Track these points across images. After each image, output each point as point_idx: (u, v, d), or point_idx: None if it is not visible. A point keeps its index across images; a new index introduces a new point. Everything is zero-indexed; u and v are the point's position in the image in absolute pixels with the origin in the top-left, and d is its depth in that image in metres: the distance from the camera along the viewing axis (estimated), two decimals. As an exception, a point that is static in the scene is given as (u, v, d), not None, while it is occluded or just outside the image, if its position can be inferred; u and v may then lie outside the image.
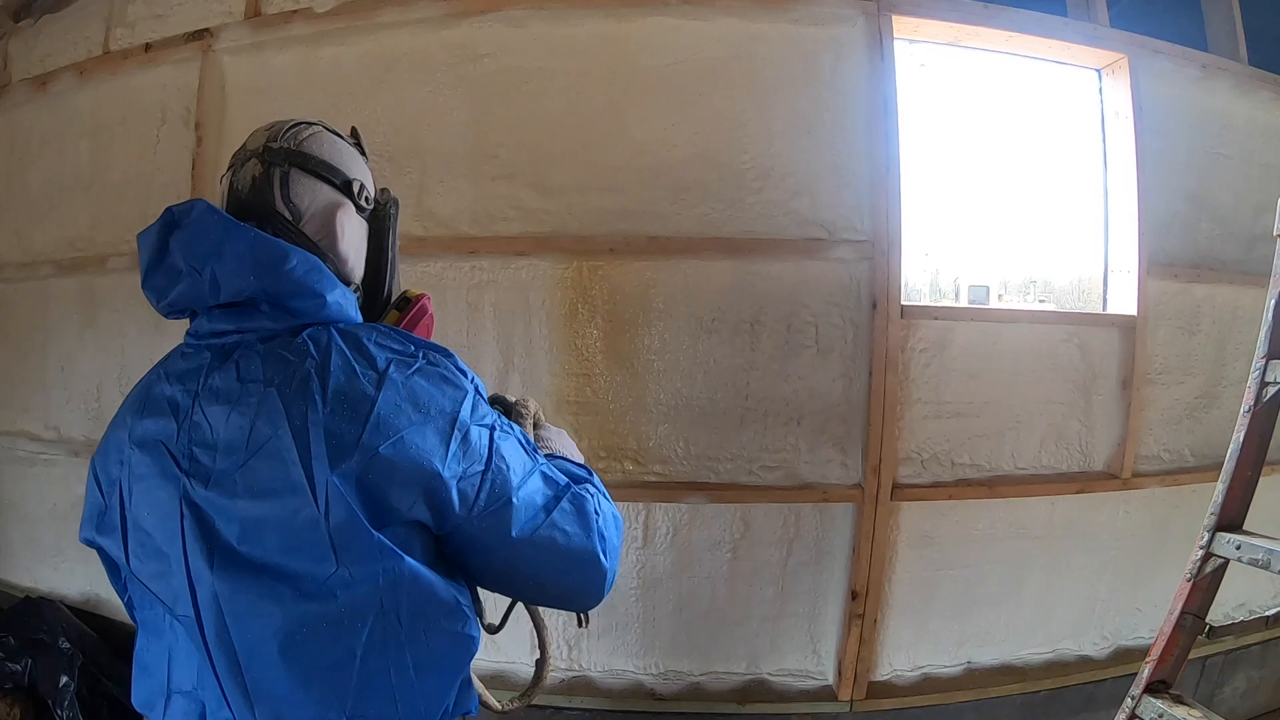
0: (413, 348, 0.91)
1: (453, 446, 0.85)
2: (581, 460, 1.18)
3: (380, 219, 1.08)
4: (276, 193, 0.97)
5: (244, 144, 1.03)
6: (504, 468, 0.89)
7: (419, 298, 1.10)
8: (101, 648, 2.96)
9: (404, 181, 2.61)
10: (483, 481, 0.86)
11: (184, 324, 1.03)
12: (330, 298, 0.93)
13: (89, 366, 3.20)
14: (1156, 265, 2.75)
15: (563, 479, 0.97)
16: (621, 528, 1.04)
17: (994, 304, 3.59)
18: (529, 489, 0.91)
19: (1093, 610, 2.87)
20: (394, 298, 1.11)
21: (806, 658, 2.70)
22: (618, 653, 2.68)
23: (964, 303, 3.55)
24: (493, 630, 1.18)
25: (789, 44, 2.56)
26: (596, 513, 0.96)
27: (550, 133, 2.56)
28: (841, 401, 2.59)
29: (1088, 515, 2.79)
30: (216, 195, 1.07)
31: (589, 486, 1.00)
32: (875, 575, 2.58)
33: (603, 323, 2.56)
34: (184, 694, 0.90)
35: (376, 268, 1.08)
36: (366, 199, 1.04)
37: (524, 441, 0.95)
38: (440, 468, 0.84)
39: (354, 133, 1.12)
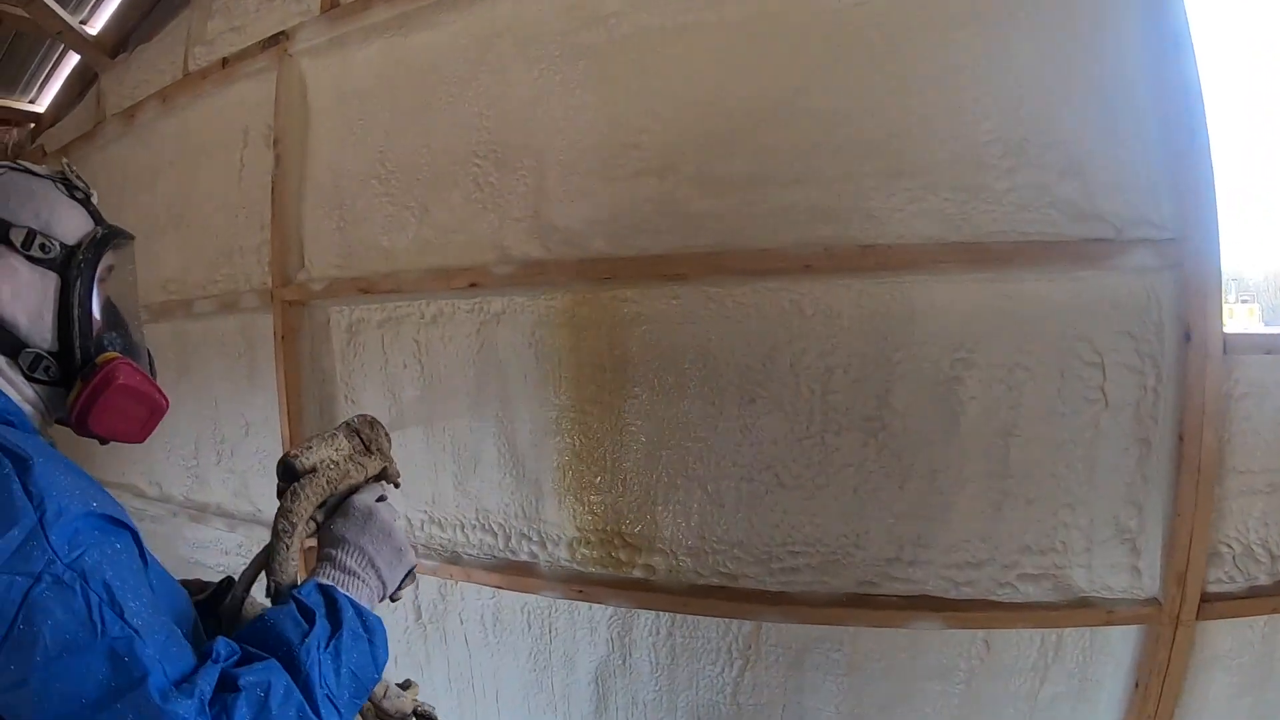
0: None
1: None
2: (391, 579, 0.82)
3: (71, 267, 0.78)
4: None
5: None
6: (29, 637, 0.57)
7: (105, 364, 0.78)
8: None
9: (516, 188, 1.77)
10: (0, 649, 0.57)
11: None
12: None
13: (185, 422, 2.56)
14: None
15: (143, 668, 0.59)
16: None
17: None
18: (71, 672, 0.57)
19: None
20: (88, 364, 0.79)
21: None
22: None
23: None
24: None
25: (1033, -41, 1.54)
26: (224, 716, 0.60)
27: (708, 110, 1.66)
28: (1136, 478, 1.56)
29: None
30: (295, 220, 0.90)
31: (256, 671, 0.64)
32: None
33: (803, 372, 1.64)
34: None
35: (65, 329, 0.78)
36: (43, 247, 0.77)
37: (100, 605, 0.60)
38: None
39: (64, 168, 0.83)
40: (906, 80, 1.58)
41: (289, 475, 0.83)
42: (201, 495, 2.50)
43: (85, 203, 0.83)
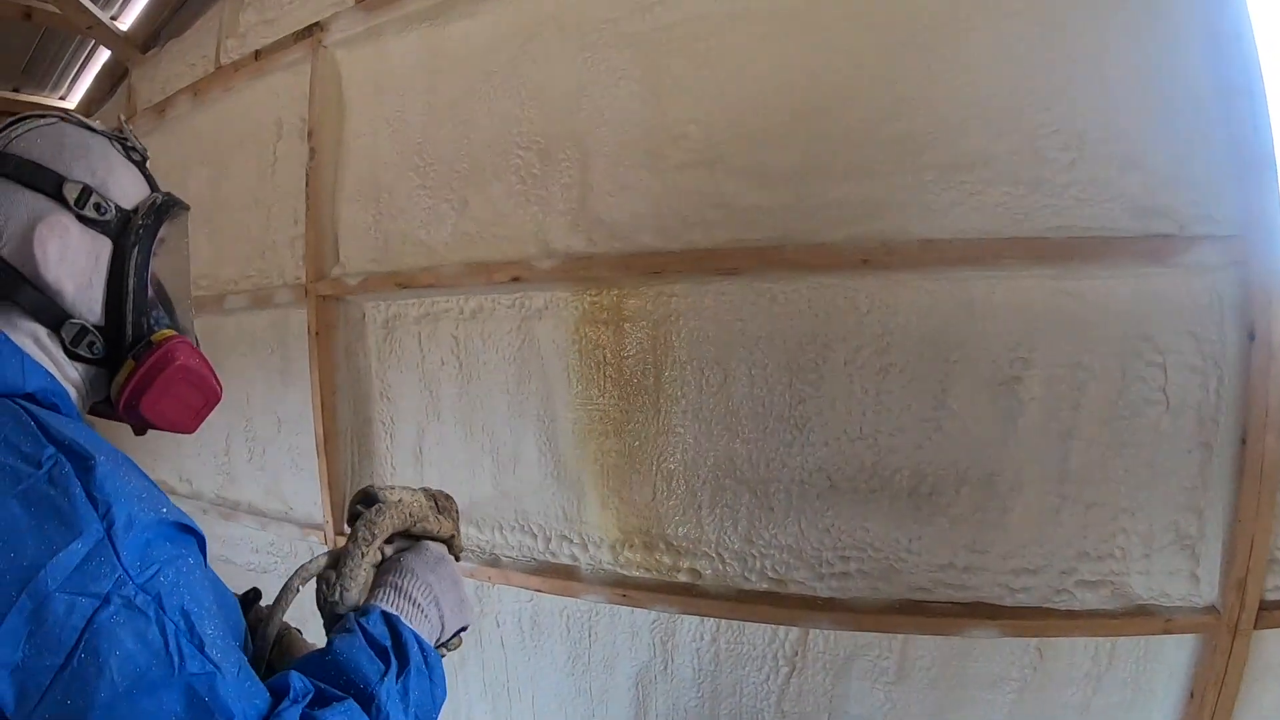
0: (49, 451, 0.54)
1: (12, 619, 0.48)
2: (451, 624, 0.77)
3: (127, 232, 0.70)
4: None
5: None
6: (93, 669, 0.48)
7: (163, 342, 0.70)
8: None
9: (559, 180, 1.71)
10: (54, 681, 0.48)
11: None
12: None
13: (217, 417, 2.46)
14: None
15: (226, 712, 0.51)
16: None
17: None
18: (141, 710, 0.49)
19: None
20: (140, 341, 0.70)
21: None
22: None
23: None
24: None
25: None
26: None
27: (759, 99, 1.59)
28: (1196, 483, 1.49)
29: None
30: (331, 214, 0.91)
31: (338, 713, 0.57)
32: (1217, 731, 1.50)
33: (857, 371, 1.57)
34: None
35: (116, 301, 0.70)
36: (98, 207, 0.68)
37: (177, 635, 0.52)
38: None
39: (119, 126, 0.77)
40: (962, 70, 1.51)
41: (368, 503, 0.80)
42: (232, 493, 2.46)
43: (141, 166, 0.77)
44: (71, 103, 3.48)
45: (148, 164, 0.78)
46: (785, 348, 1.58)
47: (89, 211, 0.69)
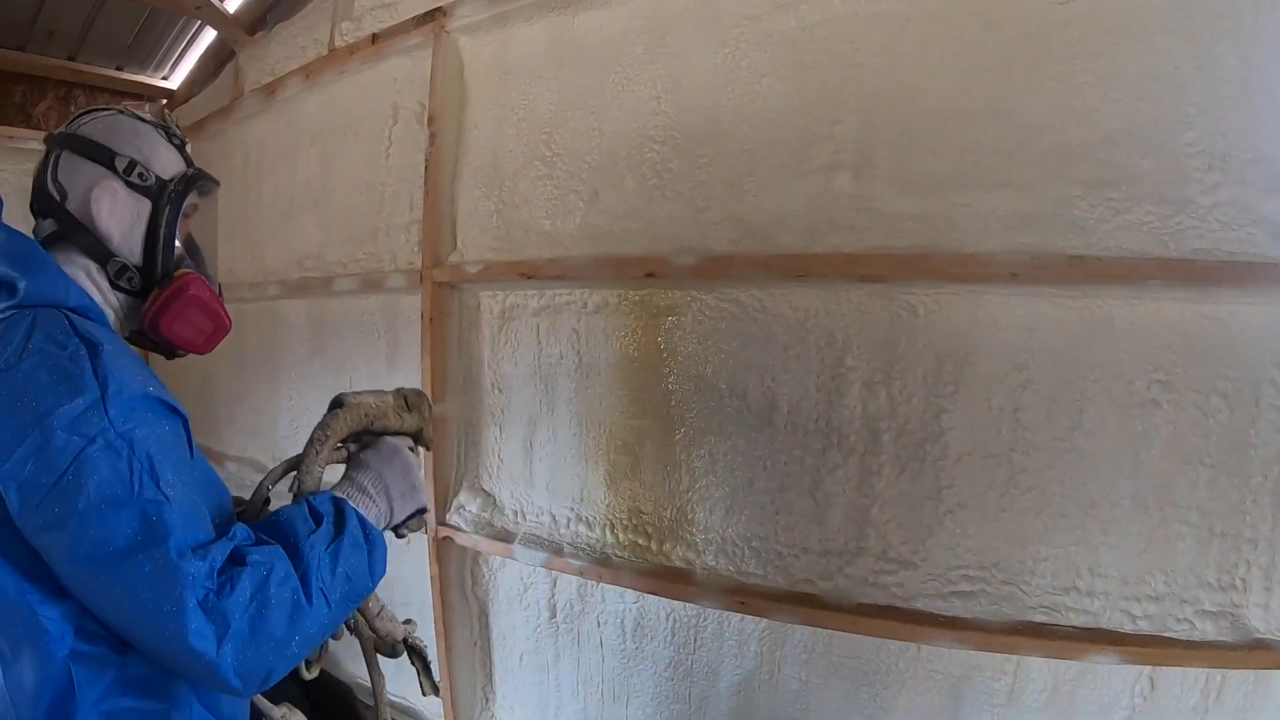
0: (74, 340, 0.76)
1: (26, 446, 0.71)
2: (401, 509, 0.97)
3: (163, 196, 0.94)
4: (48, 174, 0.92)
5: None
6: (75, 487, 0.70)
7: (181, 277, 0.93)
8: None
9: (696, 176, 1.73)
10: (47, 494, 0.70)
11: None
12: (22, 283, 0.79)
13: (315, 400, 2.59)
14: None
15: (167, 529, 0.71)
16: (306, 616, 0.77)
17: None
18: (106, 522, 0.70)
19: None
20: (166, 278, 0.94)
21: None
22: None
23: None
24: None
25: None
26: (224, 588, 0.71)
27: (908, 105, 1.59)
28: None
29: None
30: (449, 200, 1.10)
31: (263, 553, 0.76)
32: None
33: (995, 387, 1.55)
34: None
35: (150, 246, 0.93)
36: (140, 175, 0.93)
37: (140, 471, 0.73)
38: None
39: (160, 113, 1.01)
40: (1109, 85, 1.49)
41: (336, 407, 0.98)
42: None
43: (181, 149, 0.99)
44: (174, 83, 3.63)
45: (187, 148, 1.00)
46: (924, 359, 1.57)
47: (134, 179, 0.92)
